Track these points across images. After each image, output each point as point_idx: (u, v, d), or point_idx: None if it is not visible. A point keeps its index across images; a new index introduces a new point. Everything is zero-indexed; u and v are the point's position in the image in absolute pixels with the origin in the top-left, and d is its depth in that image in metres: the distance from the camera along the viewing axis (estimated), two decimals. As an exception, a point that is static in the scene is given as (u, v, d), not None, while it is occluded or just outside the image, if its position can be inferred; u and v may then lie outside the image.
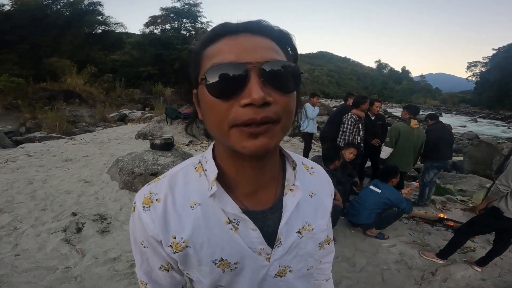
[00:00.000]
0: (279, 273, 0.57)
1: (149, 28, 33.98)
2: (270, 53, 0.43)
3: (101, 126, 10.12)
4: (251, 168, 0.51)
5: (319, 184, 0.64)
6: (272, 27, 0.47)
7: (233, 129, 0.42)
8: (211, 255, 0.52)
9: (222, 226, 0.52)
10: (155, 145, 4.12)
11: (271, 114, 0.41)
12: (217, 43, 0.45)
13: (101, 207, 3.34)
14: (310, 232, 0.58)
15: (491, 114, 39.96)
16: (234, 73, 0.41)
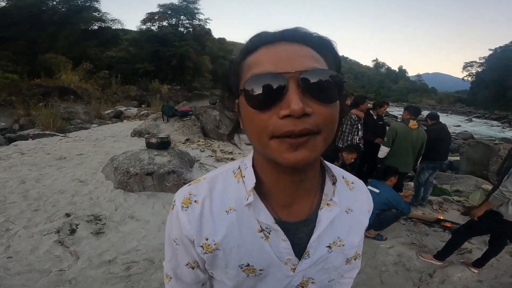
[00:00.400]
0: (301, 284, 0.57)
1: (146, 25, 33.79)
2: (309, 62, 0.41)
3: (96, 123, 10.00)
4: (290, 181, 0.50)
5: (357, 200, 0.62)
6: (310, 34, 0.45)
7: (273, 140, 0.41)
8: (239, 260, 0.54)
9: (254, 233, 0.53)
10: (151, 144, 4.06)
11: (310, 126, 0.40)
12: (255, 54, 0.45)
13: (95, 208, 3.28)
14: (341, 248, 0.58)
15: (486, 114, 40.30)
16: (272, 83, 0.40)
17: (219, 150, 6.15)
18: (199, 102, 14.38)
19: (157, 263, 2.43)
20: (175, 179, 3.73)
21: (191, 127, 7.03)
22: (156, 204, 3.47)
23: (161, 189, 3.72)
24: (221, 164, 5.22)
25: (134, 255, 2.51)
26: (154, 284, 2.18)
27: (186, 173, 3.86)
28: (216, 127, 7.40)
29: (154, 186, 3.71)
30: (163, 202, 3.52)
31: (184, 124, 7.05)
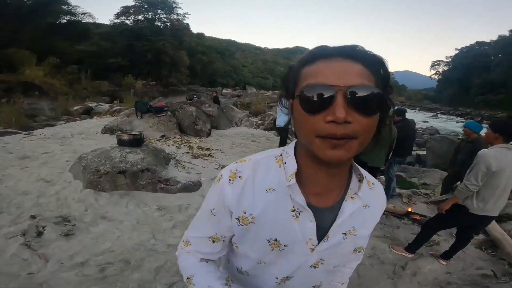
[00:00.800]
0: (315, 264, 0.66)
1: (120, 19, 32.53)
2: (358, 78, 0.48)
3: (64, 120, 9.51)
4: (325, 173, 0.59)
5: (374, 198, 0.70)
6: (365, 52, 0.51)
7: (318, 139, 0.49)
8: (268, 234, 0.62)
9: (287, 212, 0.61)
10: (123, 141, 3.91)
11: (349, 132, 0.47)
12: (313, 65, 0.51)
13: (63, 209, 3.13)
14: (354, 236, 0.66)
15: (451, 111, 42.96)
16: (323, 93, 0.47)
17: (196, 147, 6.05)
18: (176, 97, 14.09)
19: (134, 263, 2.36)
20: (149, 177, 3.61)
21: (167, 123, 6.86)
22: (130, 203, 3.35)
23: (135, 187, 3.60)
24: (198, 161, 5.16)
25: (108, 256, 2.42)
26: (132, 285, 2.12)
27: (161, 171, 3.75)
28: (193, 123, 7.28)
29: (127, 184, 3.57)
30: (137, 201, 3.40)
31: (159, 120, 6.86)
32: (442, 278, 2.57)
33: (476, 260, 2.92)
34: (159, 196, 3.57)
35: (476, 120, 30.54)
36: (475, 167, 2.27)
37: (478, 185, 2.26)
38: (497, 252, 3.10)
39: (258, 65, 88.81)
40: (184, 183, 3.72)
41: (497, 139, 2.28)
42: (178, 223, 3.03)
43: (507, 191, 2.30)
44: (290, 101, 0.57)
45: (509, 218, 3.80)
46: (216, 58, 53.46)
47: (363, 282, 2.47)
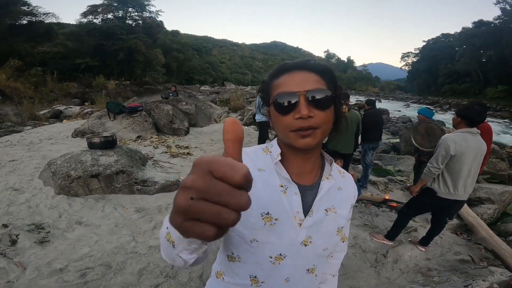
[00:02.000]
0: (304, 242, 0.73)
1: (87, 18, 30.98)
2: (313, 84, 0.64)
3: (31, 125, 8.95)
4: (300, 157, 0.72)
5: (346, 184, 0.82)
6: (317, 64, 0.68)
7: (291, 133, 0.65)
8: (261, 208, 0.69)
9: (276, 187, 0.71)
10: (94, 144, 3.75)
11: (312, 123, 0.63)
12: (279, 78, 0.68)
13: (36, 216, 3.02)
14: (334, 214, 0.76)
15: (421, 100, 44.94)
16: (290, 98, 0.63)
17: (174, 146, 5.93)
18: (151, 97, 13.67)
19: (115, 267, 2.32)
20: (125, 179, 3.50)
21: (142, 124, 6.66)
22: (106, 206, 3.25)
23: (110, 190, 3.48)
24: (176, 160, 5.07)
25: (88, 262, 2.37)
26: (115, 289, 2.08)
27: (137, 172, 3.64)
28: (170, 122, 7.13)
29: (101, 188, 3.44)
30: (114, 204, 3.31)
31: (134, 121, 6.64)
32: (422, 265, 2.67)
33: (453, 245, 3.05)
34: (137, 198, 3.49)
35: (444, 108, 32.05)
36: (437, 150, 2.38)
37: (440, 168, 2.36)
38: (472, 237, 3.26)
39: (236, 61, 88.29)
40: (162, 183, 3.64)
41: (460, 123, 2.37)
42: (158, 224, 2.98)
43: (472, 175, 2.38)
44: (267, 108, 0.73)
45: (480, 201, 4.02)
46: (192, 55, 52.51)
47: (347, 272, 2.53)
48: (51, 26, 26.72)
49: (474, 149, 2.30)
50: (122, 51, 29.20)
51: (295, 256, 0.73)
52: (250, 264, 0.74)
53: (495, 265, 2.71)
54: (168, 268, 2.33)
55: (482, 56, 42.27)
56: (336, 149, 3.71)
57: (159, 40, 37.24)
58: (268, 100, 0.70)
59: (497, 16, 39.51)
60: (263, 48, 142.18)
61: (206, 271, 2.31)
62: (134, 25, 32.95)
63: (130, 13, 33.29)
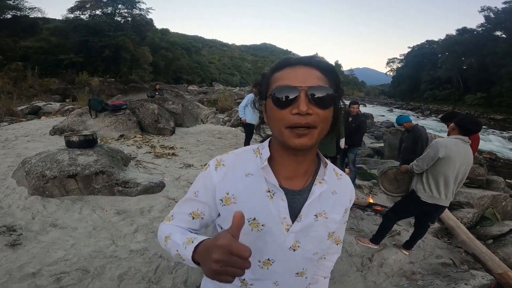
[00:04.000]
0: (293, 247, 0.73)
1: (74, 14, 30.11)
2: (316, 81, 0.62)
3: (7, 121, 8.55)
4: (294, 160, 0.70)
5: (342, 188, 0.80)
6: (321, 61, 0.66)
7: (287, 130, 0.62)
8: (248, 213, 0.69)
9: (263, 193, 0.70)
10: (72, 143, 3.59)
11: (311, 121, 0.60)
12: (281, 71, 0.65)
13: (7, 218, 2.88)
14: (325, 220, 0.75)
15: (404, 105, 46.30)
16: (290, 93, 0.60)
17: (158, 146, 5.79)
18: (137, 95, 13.37)
19: (93, 271, 2.22)
20: (105, 180, 3.35)
21: (126, 122, 6.47)
22: (84, 208, 3.12)
23: (88, 192, 3.33)
24: (161, 161, 4.94)
25: (63, 266, 2.27)
26: (92, 294, 2.00)
27: (118, 173, 3.50)
28: (155, 121, 6.97)
29: (79, 189, 3.29)
30: (93, 206, 3.17)
31: (117, 119, 6.44)
32: (406, 268, 2.71)
33: (435, 248, 3.11)
34: (117, 199, 3.36)
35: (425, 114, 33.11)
36: (425, 151, 2.45)
37: (423, 168, 2.44)
38: (452, 240, 3.34)
39: (225, 61, 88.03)
40: (145, 184, 3.52)
41: (454, 130, 2.44)
42: (140, 227, 2.88)
43: (456, 182, 2.44)
44: (263, 102, 0.70)
45: (460, 205, 4.13)
46: (181, 54, 51.95)
47: (334, 276, 2.53)
48: (36, 21, 26.10)
49: (463, 156, 2.36)
50: (108, 48, 28.54)
51: (284, 261, 0.74)
52: None
53: (475, 268, 2.77)
54: (150, 273, 2.26)
55: (463, 63, 43.98)
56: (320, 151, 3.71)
57: (148, 38, 36.64)
58: (265, 93, 0.67)
59: (480, 24, 40.92)
60: (252, 49, 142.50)
61: (190, 277, 2.25)
62: (123, 22, 32.32)
63: (120, 9, 32.63)
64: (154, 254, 2.48)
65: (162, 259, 2.43)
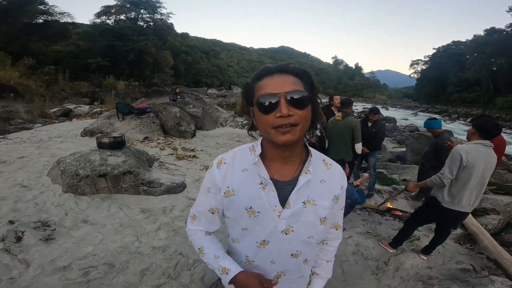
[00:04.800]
0: (285, 231, 0.85)
1: (100, 19, 31.69)
2: (293, 86, 0.72)
3: (41, 123, 9.14)
4: (281, 154, 0.82)
5: (331, 176, 0.89)
6: (296, 68, 0.76)
7: (273, 130, 0.73)
8: (245, 203, 0.84)
9: (256, 185, 0.83)
10: (103, 144, 3.82)
11: (292, 121, 0.71)
12: (262, 80, 0.75)
13: (42, 214, 3.05)
14: (313, 206, 0.84)
15: (429, 109, 44.42)
16: (271, 99, 0.71)
17: (180, 148, 6.00)
18: (159, 98, 13.80)
19: (118, 266, 2.33)
20: (132, 180, 3.55)
21: (150, 125, 6.75)
22: (112, 206, 3.29)
23: (116, 190, 3.53)
24: (182, 162, 5.12)
25: (91, 260, 2.38)
26: (117, 287, 2.11)
27: (144, 173, 3.69)
28: (177, 124, 7.20)
29: (108, 188, 3.50)
30: (120, 204, 3.35)
31: (141, 122, 6.74)
32: (423, 273, 2.64)
33: (455, 254, 3.01)
34: (142, 198, 3.53)
35: (452, 117, 31.46)
36: (449, 160, 2.36)
37: (450, 178, 2.34)
38: (475, 246, 3.22)
39: (244, 64, 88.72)
40: (168, 185, 3.68)
41: (474, 134, 2.34)
42: (162, 225, 3.01)
43: (480, 188, 2.35)
44: (251, 108, 0.79)
45: (485, 212, 3.97)
46: (200, 58, 52.95)
47: (348, 278, 2.53)
48: (66, 25, 27.24)
49: (484, 162, 2.27)
50: (132, 52, 29.65)
51: (277, 243, 0.86)
52: (244, 246, 0.91)
53: (496, 274, 2.67)
54: (170, 269, 2.35)
55: (493, 64, 41.64)
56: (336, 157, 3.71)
57: (168, 42, 37.74)
58: (251, 101, 0.77)
59: (509, 24, 38.99)
60: (270, 52, 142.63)
61: (207, 274, 2.32)
62: (145, 27, 33.47)
63: (142, 14, 33.87)
64: (175, 251, 2.57)
65: (182, 256, 2.52)
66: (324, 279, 1.05)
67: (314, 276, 1.03)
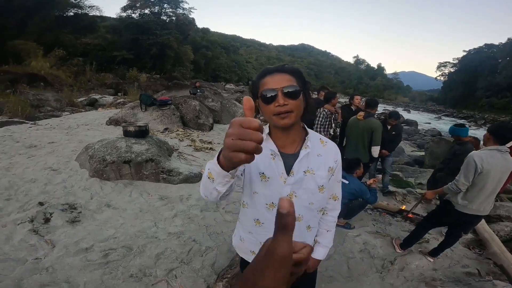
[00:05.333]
0: (289, 195, 1.01)
1: (126, 12, 32.66)
2: (288, 82, 0.92)
3: (68, 111, 9.59)
4: (283, 133, 1.01)
5: (326, 151, 1.08)
6: (291, 68, 0.97)
7: (274, 116, 0.93)
8: (258, 168, 1.02)
9: (268, 155, 1.02)
10: (129, 132, 4.02)
11: (288, 109, 0.91)
12: (264, 78, 0.96)
13: (69, 196, 3.22)
14: (312, 175, 1.03)
15: (455, 113, 42.49)
16: (272, 93, 0.91)
17: (198, 140, 6.17)
18: (179, 91, 14.11)
19: (135, 249, 2.44)
20: (153, 167, 3.73)
21: (170, 117, 6.97)
22: (134, 192, 3.45)
23: (138, 177, 3.71)
24: (200, 154, 5.28)
25: (111, 243, 2.50)
26: (133, 270, 2.21)
27: (164, 162, 3.87)
28: (196, 117, 7.39)
29: (131, 174, 3.69)
30: (141, 191, 3.51)
31: (163, 114, 6.97)
32: (427, 274, 2.65)
33: (462, 258, 2.99)
34: (161, 186, 3.68)
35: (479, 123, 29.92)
36: (464, 167, 2.34)
37: (467, 184, 2.32)
38: (483, 252, 3.17)
39: (262, 61, 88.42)
40: (186, 174, 3.83)
41: (489, 140, 2.32)
42: (179, 212, 3.13)
43: (495, 193, 2.33)
44: (256, 100, 0.98)
45: (500, 219, 3.88)
46: (220, 53, 53.35)
47: (352, 274, 2.57)
48: (95, 19, 27.97)
49: (500, 168, 2.24)
50: (155, 46, 30.35)
51: None
52: (253, 210, 1.07)
53: (501, 279, 2.63)
54: (183, 255, 2.45)
55: (527, 69, 39.30)
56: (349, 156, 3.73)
57: (189, 37, 38.28)
58: (256, 94, 0.97)
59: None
60: (290, 50, 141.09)
61: (218, 261, 2.41)
62: (168, 21, 34.10)
63: (165, 9, 34.49)
64: (189, 238, 2.68)
65: (195, 243, 2.62)
66: (325, 247, 1.21)
67: (316, 244, 1.20)
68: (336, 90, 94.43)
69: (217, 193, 0.81)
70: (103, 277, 2.13)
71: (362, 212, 3.58)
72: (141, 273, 2.20)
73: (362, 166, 3.46)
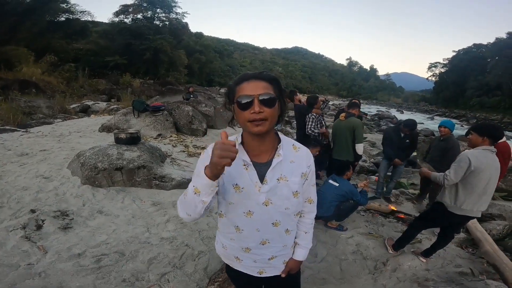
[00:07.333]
0: (265, 203, 1.04)
1: (119, 17, 32.60)
2: (264, 89, 0.93)
3: (61, 118, 9.50)
4: (257, 141, 1.02)
5: (299, 157, 1.09)
6: (268, 75, 0.98)
7: (248, 123, 0.93)
8: (232, 180, 1.03)
9: (240, 166, 1.02)
10: (120, 139, 4.03)
11: (263, 116, 0.92)
12: (241, 84, 0.96)
13: (61, 203, 3.23)
14: (286, 182, 1.05)
15: (447, 113, 43.03)
16: (248, 100, 0.92)
17: (191, 145, 6.18)
18: (173, 97, 14.12)
19: (128, 254, 2.46)
20: (145, 174, 3.74)
21: (163, 123, 6.97)
22: (126, 198, 3.46)
23: (131, 184, 3.72)
24: (193, 159, 5.29)
25: (104, 248, 2.52)
26: (125, 275, 2.22)
27: (156, 168, 3.88)
28: (189, 123, 7.40)
29: (123, 181, 3.70)
30: (133, 197, 3.52)
31: (156, 120, 6.97)
32: (420, 275, 2.68)
33: (455, 258, 3.03)
34: (154, 192, 3.69)
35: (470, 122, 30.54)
36: (456, 163, 2.37)
37: (455, 181, 2.36)
38: (477, 251, 3.21)
39: (257, 65, 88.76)
40: (178, 180, 3.84)
41: (484, 141, 2.35)
42: (171, 218, 3.14)
43: (487, 193, 2.37)
44: (232, 105, 0.99)
45: (492, 218, 3.95)
46: (214, 57, 53.41)
47: (345, 276, 2.60)
48: (86, 24, 27.75)
49: (492, 167, 2.31)
50: (148, 51, 30.30)
51: (260, 213, 1.05)
52: (232, 218, 1.09)
53: (494, 279, 2.67)
54: (176, 259, 2.46)
55: (516, 68, 40.08)
56: (336, 157, 3.86)
57: (183, 42, 38.31)
58: (232, 100, 0.98)
59: (534, 27, 37.49)
60: (284, 53, 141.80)
61: (210, 264, 2.43)
62: (161, 26, 34.10)
63: (158, 14, 34.51)
64: (181, 243, 2.69)
65: (188, 247, 2.63)
66: (305, 248, 1.23)
67: (296, 246, 1.23)
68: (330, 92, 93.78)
69: (203, 204, 0.91)
70: (96, 282, 2.13)
71: (354, 214, 3.63)
72: (134, 278, 2.21)
73: (351, 168, 3.52)
